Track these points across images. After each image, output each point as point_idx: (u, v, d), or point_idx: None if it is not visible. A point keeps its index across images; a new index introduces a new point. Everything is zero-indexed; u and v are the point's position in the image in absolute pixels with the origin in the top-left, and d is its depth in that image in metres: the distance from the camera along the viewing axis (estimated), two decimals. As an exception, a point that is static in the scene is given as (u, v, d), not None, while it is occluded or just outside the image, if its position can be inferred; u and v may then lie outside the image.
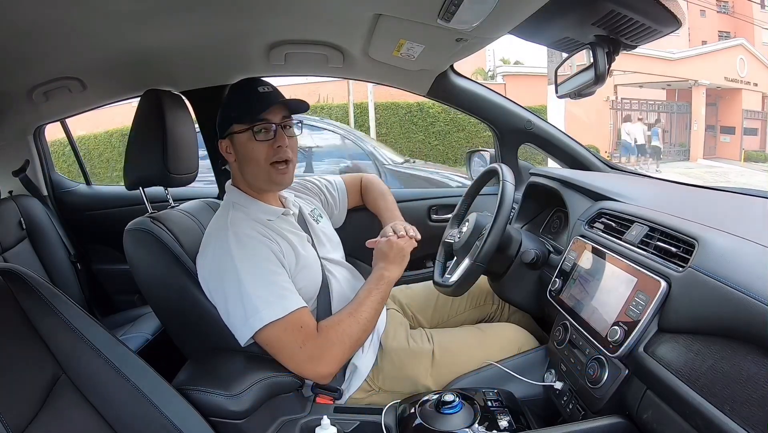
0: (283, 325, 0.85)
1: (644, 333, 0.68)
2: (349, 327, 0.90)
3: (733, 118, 13.81)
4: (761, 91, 14.23)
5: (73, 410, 0.68)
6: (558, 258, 1.02)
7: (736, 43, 13.19)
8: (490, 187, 1.29)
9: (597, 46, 0.94)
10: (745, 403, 0.51)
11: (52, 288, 0.74)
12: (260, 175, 0.97)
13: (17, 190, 1.65)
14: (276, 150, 0.95)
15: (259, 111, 0.94)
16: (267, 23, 1.07)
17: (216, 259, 0.89)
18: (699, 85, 12.79)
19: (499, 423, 0.78)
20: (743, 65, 13.28)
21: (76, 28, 0.91)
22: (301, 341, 0.85)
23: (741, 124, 13.66)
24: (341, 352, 0.89)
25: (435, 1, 0.84)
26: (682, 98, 13.52)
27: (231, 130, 0.97)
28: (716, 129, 13.97)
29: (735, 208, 1.00)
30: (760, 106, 14.43)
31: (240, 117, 0.95)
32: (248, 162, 0.97)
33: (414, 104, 9.47)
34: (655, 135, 11.26)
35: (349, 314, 0.93)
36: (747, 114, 13.92)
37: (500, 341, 1.06)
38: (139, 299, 1.75)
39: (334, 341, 0.88)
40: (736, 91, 13.62)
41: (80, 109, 1.56)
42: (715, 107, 14.26)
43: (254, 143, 0.95)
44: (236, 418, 0.79)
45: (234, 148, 0.98)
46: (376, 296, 0.97)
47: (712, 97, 13.84)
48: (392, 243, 1.04)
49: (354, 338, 0.91)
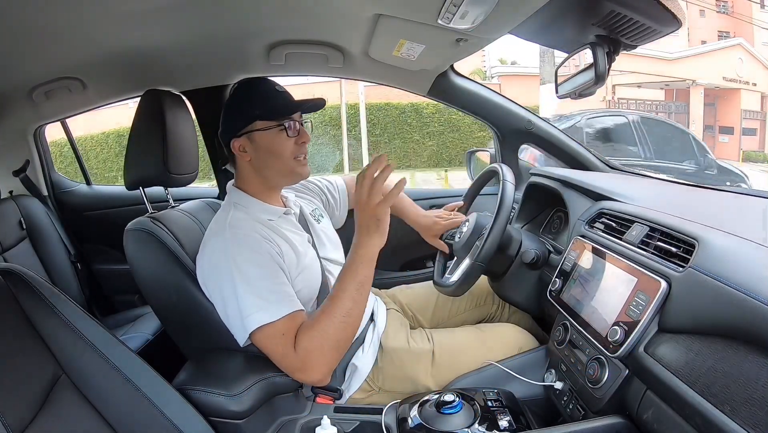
0: (270, 330, 0.82)
1: (644, 333, 0.68)
2: (325, 330, 0.82)
3: (731, 118, 13.68)
4: (760, 91, 14.06)
5: (73, 409, 0.69)
6: (558, 258, 1.02)
7: (734, 43, 13.10)
8: (491, 188, 1.29)
9: (597, 46, 0.94)
10: (746, 403, 0.51)
11: (52, 288, 0.74)
12: (283, 169, 0.98)
13: (17, 190, 1.65)
14: (301, 146, 0.98)
15: (288, 109, 0.96)
16: (267, 23, 1.07)
17: (214, 259, 0.89)
18: (697, 85, 12.72)
19: (500, 423, 0.78)
20: (742, 65, 13.17)
21: (77, 28, 0.91)
22: (282, 349, 0.82)
23: (740, 124, 13.55)
24: (322, 357, 0.83)
25: (435, 2, 0.84)
26: (680, 98, 13.46)
27: (252, 127, 0.96)
28: (715, 129, 13.87)
29: (735, 208, 1.00)
30: (759, 105, 14.28)
31: (266, 114, 0.95)
32: (272, 157, 0.97)
33: (408, 105, 9.48)
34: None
35: (324, 313, 0.84)
36: (746, 114, 13.79)
37: (500, 341, 1.06)
38: (139, 299, 1.75)
39: (310, 348, 0.82)
40: (735, 91, 13.51)
41: (80, 109, 1.56)
42: (714, 107, 14.10)
43: (282, 139, 0.96)
44: (236, 418, 0.79)
45: (253, 145, 0.97)
46: (350, 284, 0.85)
47: (710, 97, 13.71)
48: (360, 205, 0.85)
49: (333, 339, 0.83)
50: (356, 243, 0.86)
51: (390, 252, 1.07)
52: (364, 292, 0.86)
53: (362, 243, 0.85)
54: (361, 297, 0.86)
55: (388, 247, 0.88)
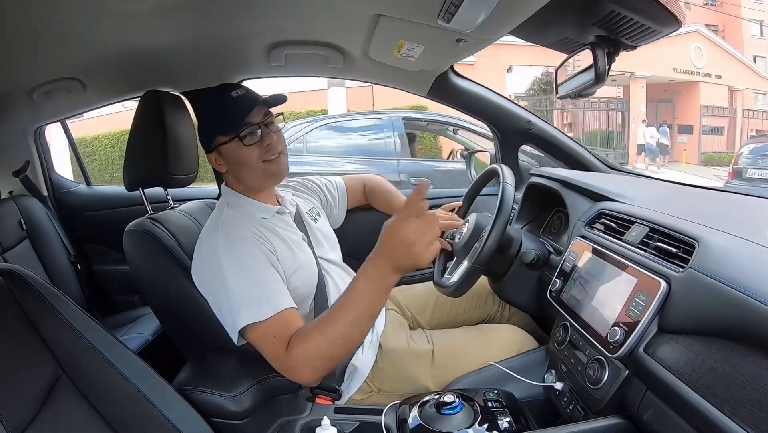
0: (260, 330, 0.82)
1: (644, 334, 0.68)
2: (317, 347, 0.78)
3: (691, 115, 12.20)
4: (727, 84, 12.40)
5: (74, 410, 0.69)
6: (558, 259, 1.02)
7: (689, 30, 11.29)
8: (490, 188, 1.29)
9: (597, 47, 0.94)
10: (746, 404, 0.51)
11: (52, 288, 0.74)
12: (256, 175, 0.97)
13: (17, 191, 1.65)
14: (266, 148, 0.95)
15: (241, 117, 0.92)
16: (267, 23, 1.07)
17: (207, 258, 0.89)
18: (636, 77, 11.40)
19: (500, 424, 0.78)
20: (700, 55, 11.70)
21: (77, 28, 0.91)
22: (274, 351, 0.81)
23: (699, 121, 12.10)
24: (311, 370, 0.80)
25: (435, 2, 0.84)
26: (626, 95, 12.11)
27: (216, 142, 0.96)
28: (674, 128, 12.38)
29: (735, 208, 1.00)
30: (728, 101, 12.67)
31: (223, 128, 0.94)
32: (242, 167, 0.96)
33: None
34: (664, 133, 11.22)
35: (319, 330, 0.78)
36: (710, 111, 12.30)
37: (500, 341, 1.06)
38: (139, 300, 1.75)
39: (300, 360, 0.79)
40: (694, 84, 12.04)
41: (80, 110, 1.57)
42: (672, 104, 12.76)
43: (244, 149, 0.94)
44: (236, 418, 0.79)
45: (223, 158, 0.97)
46: (354, 308, 0.76)
47: (668, 93, 12.50)
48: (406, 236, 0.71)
49: (325, 357, 0.79)
50: (378, 269, 0.75)
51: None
52: (371, 320, 0.79)
53: (385, 272, 0.74)
54: (364, 325, 0.78)
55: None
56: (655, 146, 11.00)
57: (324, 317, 0.80)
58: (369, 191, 1.37)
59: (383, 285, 0.76)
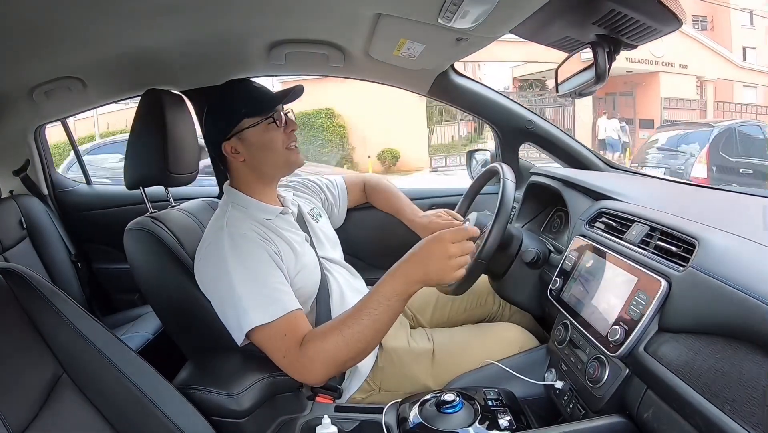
0: (269, 330, 0.82)
1: (645, 333, 0.68)
2: (335, 347, 0.79)
3: (653, 109, 11.38)
4: (695, 74, 11.47)
5: (74, 409, 0.69)
6: (558, 257, 1.02)
7: None
8: (491, 187, 1.29)
9: (598, 46, 0.94)
10: (746, 403, 0.51)
11: (52, 288, 0.74)
12: (279, 161, 0.99)
13: (18, 190, 1.66)
14: (290, 135, 0.99)
15: (274, 99, 0.99)
16: (267, 23, 1.07)
17: (211, 259, 0.89)
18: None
19: (500, 422, 0.78)
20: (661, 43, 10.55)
21: (77, 28, 0.91)
22: (284, 350, 0.82)
23: (660, 115, 11.27)
24: (324, 369, 0.81)
25: (435, 1, 0.84)
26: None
27: (240, 126, 0.96)
28: (635, 123, 11.55)
29: (735, 207, 1.00)
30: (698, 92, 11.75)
31: (252, 111, 0.96)
32: (266, 151, 0.98)
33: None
34: (624, 130, 10.65)
35: (338, 330, 0.80)
36: (674, 103, 11.37)
37: (501, 340, 1.06)
38: (139, 299, 1.75)
39: (315, 359, 0.80)
40: (654, 75, 11.27)
41: (81, 109, 1.56)
42: (632, 97, 11.95)
43: (271, 132, 0.97)
44: (237, 417, 0.79)
45: (244, 145, 0.97)
46: (375, 311, 0.79)
47: (628, 86, 11.74)
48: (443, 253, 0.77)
49: (340, 360, 0.81)
50: (407, 276, 0.79)
51: (389, 252, 1.06)
52: (388, 325, 0.81)
53: (413, 279, 0.78)
54: (381, 330, 0.81)
55: (387, 246, 0.87)
56: (617, 140, 10.34)
57: (342, 318, 0.82)
58: (369, 190, 1.37)
59: (407, 292, 0.79)
